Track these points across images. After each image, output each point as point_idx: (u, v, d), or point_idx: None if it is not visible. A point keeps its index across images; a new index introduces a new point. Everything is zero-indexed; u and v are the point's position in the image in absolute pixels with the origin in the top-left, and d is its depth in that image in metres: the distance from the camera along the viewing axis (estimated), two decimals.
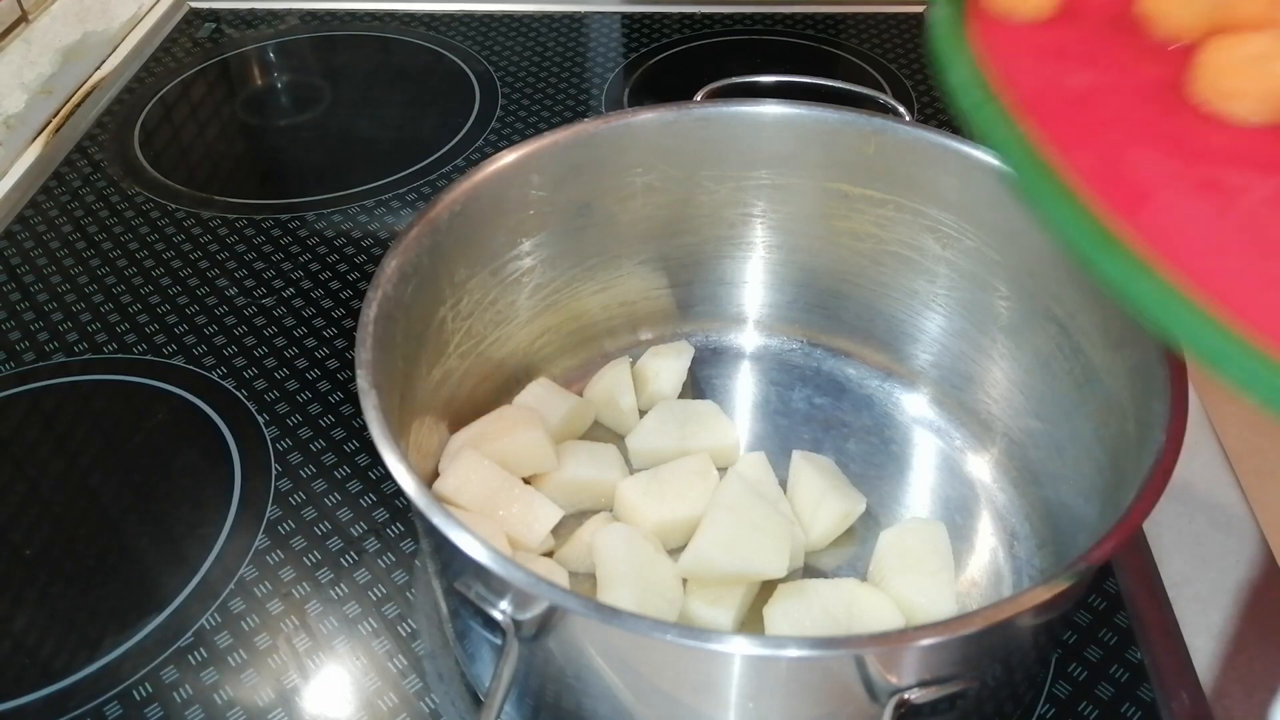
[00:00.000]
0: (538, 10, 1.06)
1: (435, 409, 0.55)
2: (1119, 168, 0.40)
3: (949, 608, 0.49)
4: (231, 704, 0.50)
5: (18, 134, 0.88)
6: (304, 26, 1.05)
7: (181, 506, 0.59)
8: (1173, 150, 0.41)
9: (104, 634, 0.53)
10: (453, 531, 0.38)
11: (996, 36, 0.46)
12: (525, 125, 0.90)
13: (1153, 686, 0.50)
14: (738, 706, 0.39)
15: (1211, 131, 0.41)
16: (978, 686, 0.40)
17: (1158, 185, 0.39)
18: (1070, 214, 0.38)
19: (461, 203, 0.53)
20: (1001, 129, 0.41)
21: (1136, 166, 0.40)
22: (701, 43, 1.01)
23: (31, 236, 0.79)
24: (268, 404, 0.65)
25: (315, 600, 0.54)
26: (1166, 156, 0.40)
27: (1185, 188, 0.39)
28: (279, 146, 0.90)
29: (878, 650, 0.37)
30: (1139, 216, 0.38)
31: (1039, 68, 0.45)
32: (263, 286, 0.74)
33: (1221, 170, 0.40)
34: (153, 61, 1.00)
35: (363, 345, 0.45)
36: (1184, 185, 0.39)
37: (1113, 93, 0.43)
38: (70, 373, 0.68)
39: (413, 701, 0.50)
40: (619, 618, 0.36)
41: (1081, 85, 0.44)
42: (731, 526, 0.49)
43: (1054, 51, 0.46)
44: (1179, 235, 0.37)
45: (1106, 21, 0.47)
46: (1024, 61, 0.45)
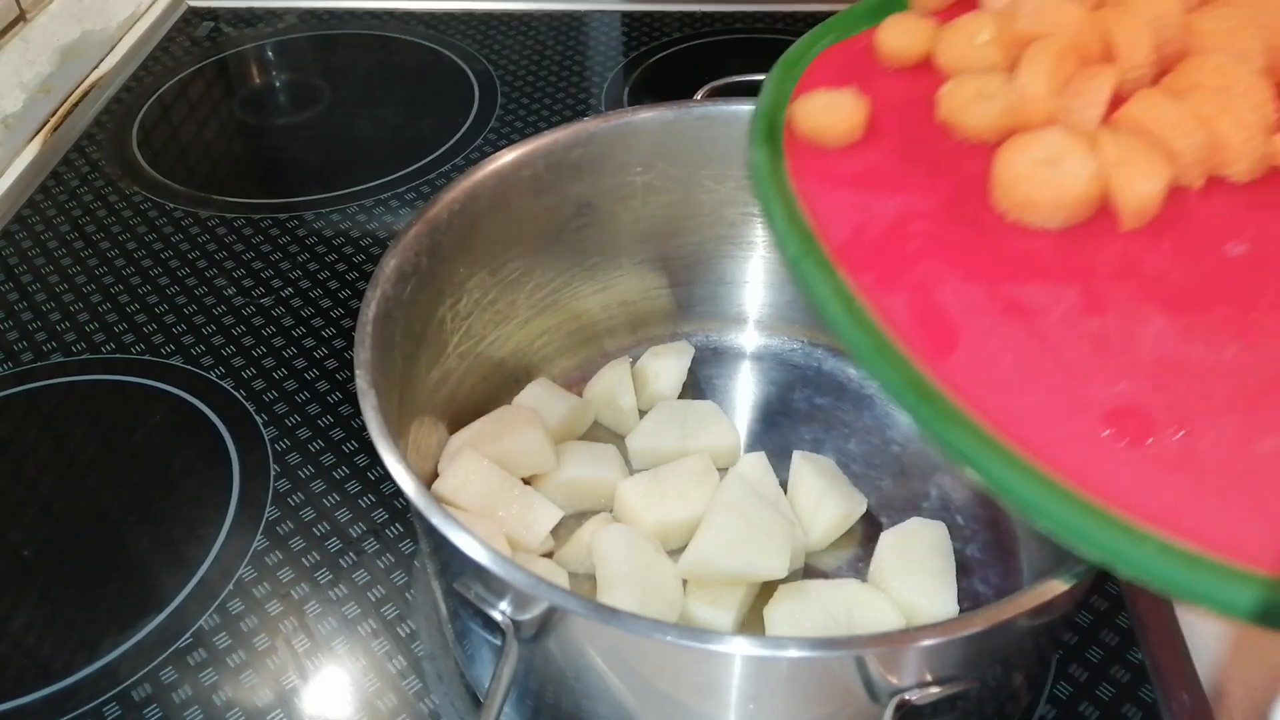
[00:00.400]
0: (537, 9, 1.06)
1: (434, 409, 0.55)
2: (929, 307, 0.41)
3: (950, 608, 0.49)
4: (230, 705, 0.50)
5: (15, 133, 0.88)
6: (303, 25, 1.05)
7: (180, 507, 0.59)
8: (979, 274, 0.41)
9: (103, 635, 0.53)
10: (452, 532, 0.38)
11: (812, 170, 0.47)
12: (525, 124, 0.90)
13: (1154, 687, 0.50)
14: (738, 707, 0.39)
15: (1016, 243, 0.42)
16: (978, 687, 0.40)
17: (965, 320, 0.40)
18: (889, 371, 0.38)
19: (461, 202, 0.53)
20: (821, 284, 0.42)
21: (945, 302, 0.41)
22: (702, 41, 1.01)
23: (29, 236, 0.79)
24: (266, 404, 0.65)
25: (314, 601, 0.54)
26: (973, 283, 0.41)
27: (991, 318, 0.40)
28: (277, 146, 0.90)
29: (878, 651, 0.36)
30: (947, 363, 0.39)
31: (853, 201, 0.45)
32: (261, 286, 0.74)
33: (1024, 288, 0.41)
34: (151, 60, 1.00)
35: (362, 345, 0.45)
36: (989, 315, 0.40)
37: (923, 217, 0.44)
38: (68, 373, 0.68)
39: (412, 703, 0.50)
40: (619, 618, 0.36)
41: (894, 212, 0.44)
42: (732, 527, 0.49)
43: (867, 179, 0.46)
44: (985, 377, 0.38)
45: (913, 134, 0.47)
46: (839, 196, 0.46)
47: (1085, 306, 0.40)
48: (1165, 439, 0.36)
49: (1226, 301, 0.40)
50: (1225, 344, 0.38)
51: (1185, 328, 0.39)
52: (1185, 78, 0.45)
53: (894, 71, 0.51)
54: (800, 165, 0.47)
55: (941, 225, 0.44)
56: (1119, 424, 0.36)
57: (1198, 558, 0.33)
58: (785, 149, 0.48)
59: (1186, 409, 0.36)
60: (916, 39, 0.50)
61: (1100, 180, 0.42)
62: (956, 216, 0.44)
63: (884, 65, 0.51)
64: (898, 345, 0.39)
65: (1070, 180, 0.42)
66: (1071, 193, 0.42)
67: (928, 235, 0.43)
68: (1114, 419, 0.36)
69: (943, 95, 0.47)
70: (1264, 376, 0.37)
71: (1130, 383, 0.37)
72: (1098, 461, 0.35)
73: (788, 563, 0.49)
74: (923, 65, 0.50)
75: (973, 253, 0.42)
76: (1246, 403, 0.36)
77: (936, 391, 0.38)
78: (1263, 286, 0.40)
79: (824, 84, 0.50)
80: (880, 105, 0.49)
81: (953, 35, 0.49)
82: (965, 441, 0.36)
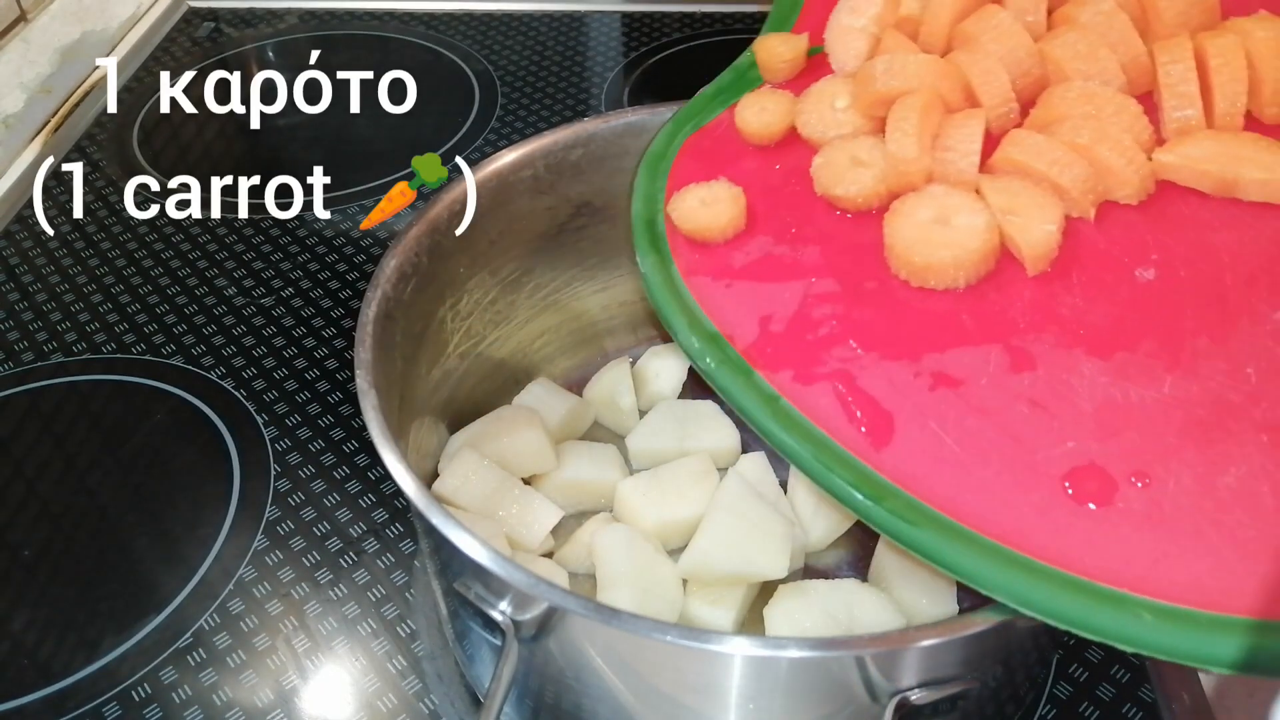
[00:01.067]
0: (537, 9, 1.06)
1: (434, 409, 0.55)
2: (856, 396, 0.39)
3: (950, 608, 0.49)
4: (230, 705, 0.50)
5: (16, 133, 0.88)
6: (303, 25, 1.05)
7: (180, 507, 0.59)
8: (896, 351, 0.40)
9: (103, 634, 0.53)
10: (452, 532, 0.38)
11: (703, 269, 0.46)
12: (525, 124, 0.90)
13: (1154, 687, 0.50)
14: (738, 707, 0.39)
15: (925, 309, 0.41)
16: (979, 687, 0.40)
17: (896, 403, 0.38)
18: (830, 473, 0.37)
19: (461, 202, 0.53)
20: (741, 391, 0.41)
21: (870, 387, 0.39)
22: (701, 41, 1.01)
23: (30, 236, 0.79)
24: (266, 404, 0.65)
25: (314, 601, 0.54)
26: (893, 361, 0.40)
27: (920, 396, 0.38)
28: (277, 146, 0.90)
29: (878, 651, 0.36)
30: (888, 453, 0.37)
31: (752, 294, 0.44)
32: (262, 286, 0.74)
33: (945, 357, 0.39)
34: (152, 61, 1.00)
35: (362, 345, 0.45)
36: (918, 393, 0.39)
37: (825, 300, 0.43)
38: (69, 373, 0.68)
39: (412, 703, 0.50)
40: (619, 618, 0.36)
41: (795, 300, 0.43)
42: (732, 527, 0.49)
43: (761, 269, 0.45)
44: (931, 461, 0.37)
45: (795, 214, 0.46)
46: (737, 293, 0.44)
47: (1012, 365, 0.39)
48: (1129, 494, 0.35)
49: (1151, 332, 0.39)
50: (1161, 377, 0.37)
51: (1117, 368, 0.38)
52: (1051, 109, 0.44)
53: (761, 150, 0.50)
54: (690, 264, 0.46)
55: (846, 305, 0.42)
56: (1078, 485, 0.35)
57: (1195, 617, 0.32)
58: (672, 251, 0.47)
59: (1142, 456, 0.35)
60: (776, 115, 0.50)
61: (994, 231, 0.41)
62: (859, 293, 0.43)
63: (749, 145, 0.50)
64: (833, 442, 0.38)
65: (964, 237, 0.41)
66: (968, 249, 0.41)
67: (835, 318, 0.42)
68: (1072, 481, 0.35)
69: (816, 170, 0.46)
70: (1208, 404, 0.36)
71: (1078, 439, 0.36)
72: (1066, 531, 0.34)
73: (788, 562, 0.49)
74: (789, 139, 0.49)
75: (884, 328, 0.41)
76: (1199, 436, 0.35)
77: (887, 486, 0.36)
78: (1181, 309, 0.39)
79: (694, 177, 0.49)
80: (756, 188, 0.48)
81: (812, 105, 0.48)
82: (928, 537, 0.35)
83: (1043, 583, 0.33)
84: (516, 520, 0.52)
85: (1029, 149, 0.42)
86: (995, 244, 0.41)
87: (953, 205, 0.42)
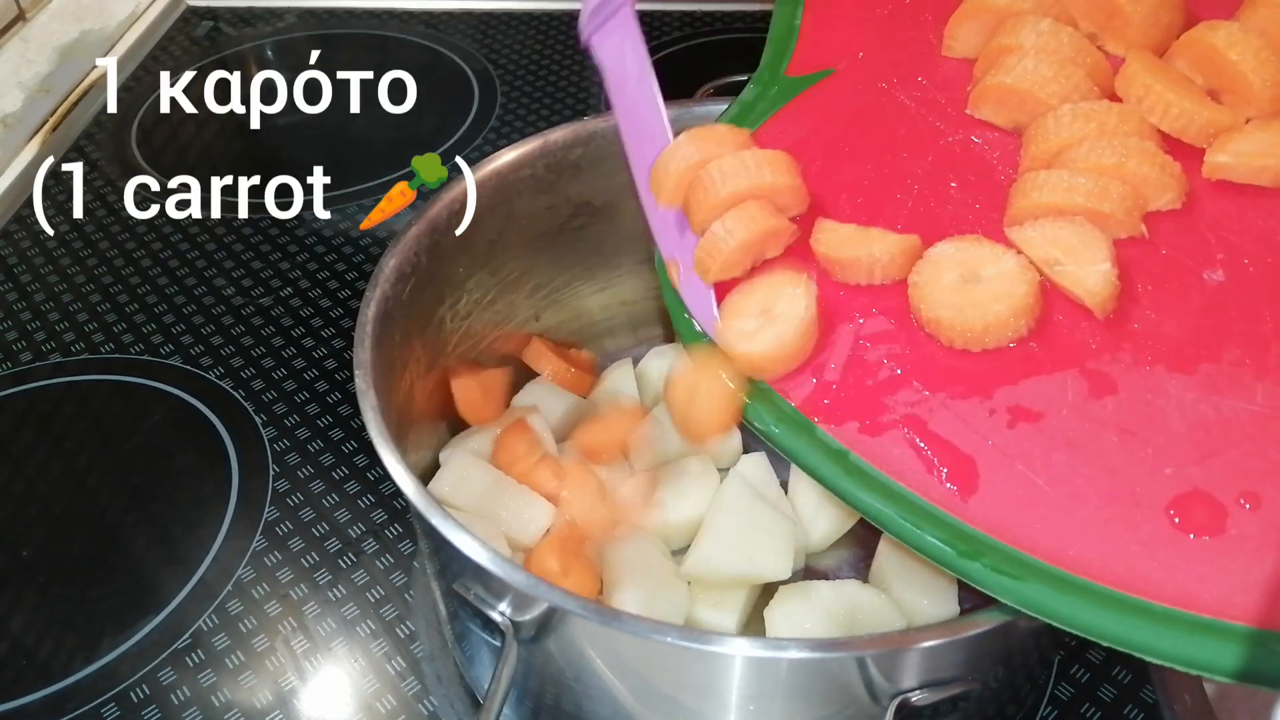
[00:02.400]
0: (537, 8, 1.06)
1: (434, 409, 0.54)
2: (931, 444, 0.36)
3: (951, 609, 0.49)
4: (229, 706, 0.50)
5: (15, 133, 0.87)
6: (302, 24, 1.05)
7: (179, 507, 0.59)
8: (967, 389, 0.37)
9: (101, 635, 0.53)
10: (452, 533, 0.38)
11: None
12: (524, 123, 0.90)
13: (1155, 689, 0.50)
14: (739, 708, 0.39)
15: (982, 365, 0.38)
16: (980, 689, 0.40)
17: (976, 446, 0.35)
18: (921, 531, 0.34)
19: (461, 202, 0.53)
20: (807, 451, 0.37)
21: (945, 432, 0.36)
22: (701, 41, 1.01)
23: (28, 236, 0.79)
24: (265, 404, 0.65)
25: (313, 602, 0.54)
26: (964, 401, 0.37)
27: (1000, 435, 0.36)
28: (277, 146, 0.90)
29: (879, 652, 0.36)
30: (976, 502, 0.34)
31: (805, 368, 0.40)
32: (260, 286, 0.74)
33: (1019, 390, 0.36)
34: (150, 60, 1.00)
35: (361, 345, 0.45)
36: (998, 432, 0.36)
37: (881, 342, 0.40)
38: (67, 373, 0.67)
39: (411, 704, 0.49)
40: (618, 619, 0.36)
41: (847, 345, 0.40)
42: (734, 529, 0.49)
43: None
44: (1024, 507, 0.34)
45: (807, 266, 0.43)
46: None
47: (1091, 390, 0.36)
48: (1240, 518, 0.32)
49: (1232, 339, 0.36)
50: (1251, 386, 0.34)
51: (1204, 381, 0.35)
52: (1048, 140, 0.42)
53: None
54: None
55: (902, 344, 0.39)
56: (1184, 515, 0.32)
57: None
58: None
59: (1247, 475, 0.32)
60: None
61: (1029, 270, 0.38)
62: (912, 330, 0.39)
63: None
64: (915, 496, 0.34)
65: (1004, 286, 0.38)
66: (1014, 298, 0.38)
67: (892, 359, 0.39)
68: (1178, 510, 0.33)
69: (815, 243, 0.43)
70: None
71: (1176, 464, 0.33)
72: (1180, 567, 0.31)
73: (790, 563, 0.48)
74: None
75: (947, 365, 0.38)
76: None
77: (982, 540, 0.33)
78: (1258, 309, 0.36)
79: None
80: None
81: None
82: (1036, 591, 0.32)
83: (1169, 628, 0.31)
84: (512, 518, 0.52)
85: (1057, 188, 0.40)
86: (1036, 282, 0.38)
87: (974, 258, 0.39)
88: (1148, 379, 0.36)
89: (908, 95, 0.48)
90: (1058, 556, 0.33)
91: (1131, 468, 0.34)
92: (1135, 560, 0.32)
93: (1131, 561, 0.32)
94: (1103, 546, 0.33)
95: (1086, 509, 0.33)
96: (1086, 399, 0.36)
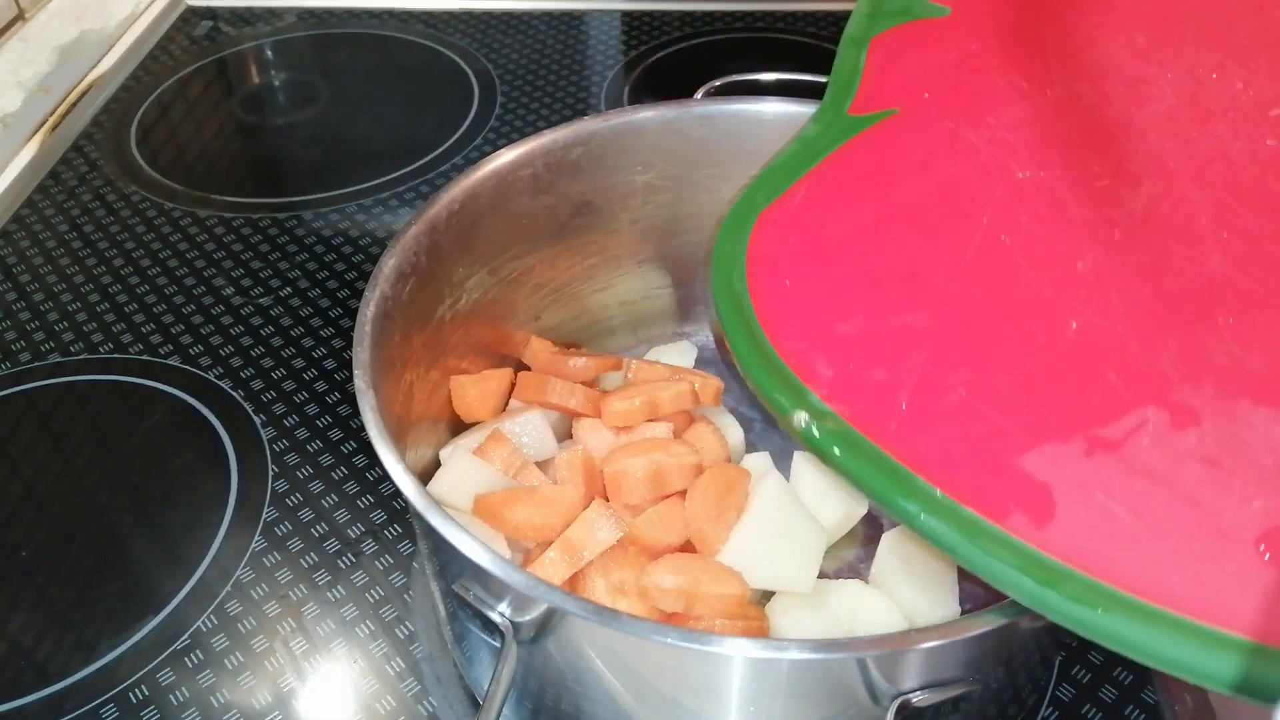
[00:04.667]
0: (537, 9, 1.06)
1: (434, 409, 0.54)
2: (1004, 473, 0.35)
3: (952, 610, 0.49)
4: (228, 707, 0.49)
5: (14, 132, 0.87)
6: (301, 24, 1.05)
7: (178, 508, 0.59)
8: (1042, 418, 0.36)
9: (100, 636, 0.52)
10: (452, 533, 0.38)
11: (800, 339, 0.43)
12: (524, 123, 0.90)
13: (1156, 690, 0.50)
14: (739, 709, 0.39)
15: (1061, 363, 0.38)
16: (980, 690, 0.40)
17: (1050, 476, 0.35)
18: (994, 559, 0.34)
19: (460, 201, 0.53)
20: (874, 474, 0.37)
21: (1019, 462, 0.35)
22: (701, 40, 1.01)
23: (28, 236, 0.79)
24: (264, 405, 0.64)
25: (312, 602, 0.54)
26: (1039, 429, 0.36)
27: (1076, 467, 0.35)
28: (276, 145, 0.90)
29: (880, 653, 0.36)
30: (1052, 531, 0.33)
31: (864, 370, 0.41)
32: (260, 286, 0.74)
33: (1097, 421, 0.35)
34: (150, 59, 1.00)
35: (360, 345, 0.45)
36: (1073, 463, 0.35)
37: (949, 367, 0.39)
38: (66, 373, 0.67)
39: (411, 705, 0.49)
40: (618, 620, 0.36)
41: (915, 371, 0.40)
42: (764, 538, 0.48)
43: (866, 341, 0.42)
44: (1104, 537, 0.33)
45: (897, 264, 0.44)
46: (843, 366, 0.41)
47: (1173, 422, 0.34)
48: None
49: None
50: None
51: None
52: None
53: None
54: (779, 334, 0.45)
55: (972, 369, 0.39)
56: (1276, 549, 0.31)
57: None
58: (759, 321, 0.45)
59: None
60: None
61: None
62: (982, 353, 0.39)
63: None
64: (988, 523, 0.34)
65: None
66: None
67: (962, 385, 0.38)
68: (1268, 544, 0.31)
69: None
70: None
71: (1265, 496, 0.32)
72: (1276, 604, 0.30)
73: (816, 575, 0.48)
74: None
75: (1020, 392, 0.37)
76: None
77: (1059, 568, 0.32)
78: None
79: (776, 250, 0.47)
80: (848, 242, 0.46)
81: None
82: (1120, 623, 0.31)
83: (1269, 662, 0.30)
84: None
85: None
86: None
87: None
88: (1232, 411, 0.35)
89: (976, 135, 0.48)
90: (1140, 587, 0.32)
91: (1217, 500, 0.33)
92: (1226, 595, 0.31)
93: (1222, 595, 0.31)
94: (1189, 579, 0.32)
95: (1169, 540, 0.33)
96: (1168, 430, 0.35)
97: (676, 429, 0.54)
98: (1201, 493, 0.33)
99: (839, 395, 0.41)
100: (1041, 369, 0.38)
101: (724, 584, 0.46)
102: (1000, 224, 0.44)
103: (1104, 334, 0.38)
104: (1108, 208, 0.41)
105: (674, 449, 0.51)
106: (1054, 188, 0.44)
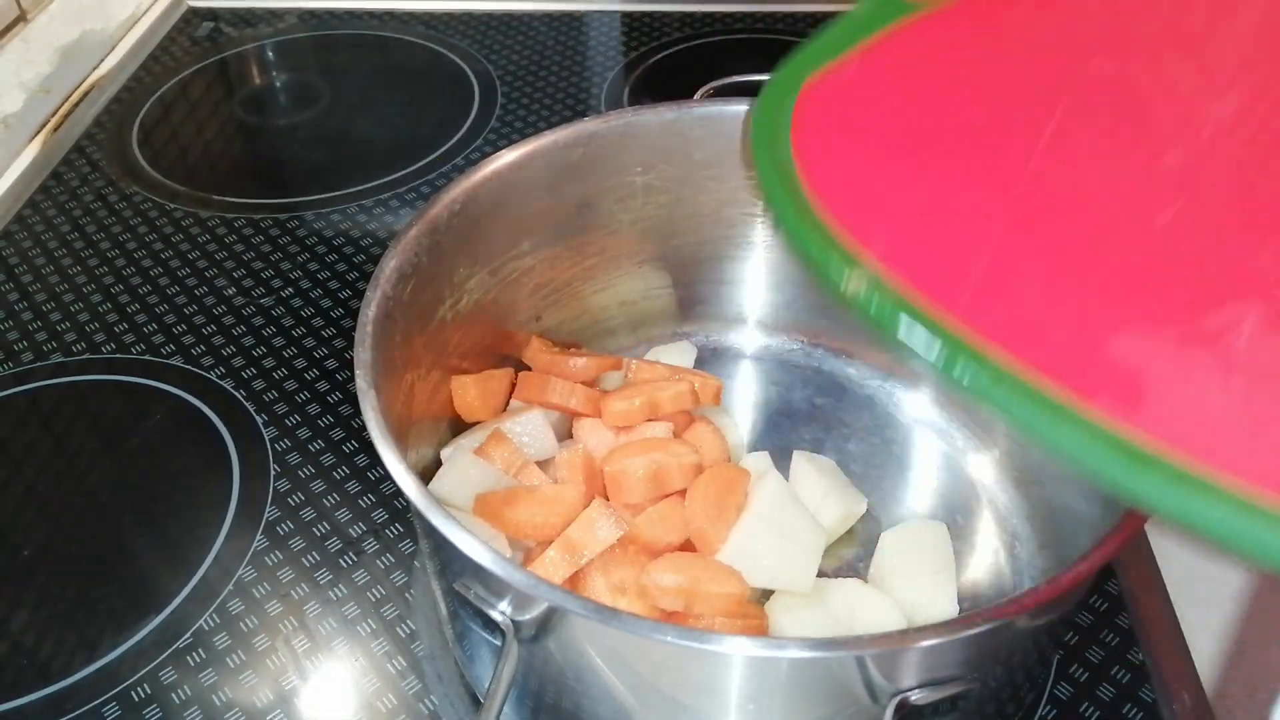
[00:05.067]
0: (537, 9, 1.06)
1: (435, 409, 0.54)
2: (1090, 355, 0.33)
3: (950, 608, 0.49)
4: (230, 705, 0.50)
5: (16, 133, 0.88)
6: (303, 25, 1.05)
7: (180, 507, 0.59)
8: (1130, 300, 0.35)
9: (102, 635, 0.53)
10: (453, 532, 0.38)
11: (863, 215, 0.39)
12: (524, 124, 0.90)
13: (1154, 688, 0.50)
14: (738, 708, 0.39)
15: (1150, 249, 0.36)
16: (979, 688, 0.40)
17: (1141, 362, 0.33)
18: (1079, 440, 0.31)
19: (461, 202, 0.53)
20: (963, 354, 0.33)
21: (1106, 344, 0.34)
22: (701, 41, 1.01)
23: (29, 236, 0.79)
24: (266, 404, 0.65)
25: (314, 601, 0.54)
26: (1126, 312, 0.34)
27: (1169, 353, 0.33)
28: (277, 146, 0.90)
29: (878, 651, 0.36)
30: (1143, 416, 0.31)
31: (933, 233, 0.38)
32: (261, 286, 0.74)
33: (1192, 311, 0.34)
34: (151, 60, 1.00)
35: (362, 345, 0.45)
36: (1167, 351, 0.33)
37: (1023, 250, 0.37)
38: (68, 373, 0.68)
39: (412, 703, 0.50)
40: (618, 619, 0.36)
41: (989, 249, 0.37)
42: (763, 537, 0.48)
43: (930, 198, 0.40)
44: (1198, 426, 0.31)
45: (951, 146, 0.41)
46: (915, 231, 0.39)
47: (1275, 321, 0.33)
48: None
49: None
50: None
51: None
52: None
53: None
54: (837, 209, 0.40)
55: (1050, 247, 0.37)
56: None
57: None
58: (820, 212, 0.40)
59: None
60: None
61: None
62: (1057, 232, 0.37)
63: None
64: (1073, 409, 0.31)
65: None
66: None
67: (1044, 262, 0.36)
68: None
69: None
70: None
71: None
72: None
73: (815, 575, 0.48)
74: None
75: (1099, 272, 0.35)
76: None
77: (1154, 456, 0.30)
78: None
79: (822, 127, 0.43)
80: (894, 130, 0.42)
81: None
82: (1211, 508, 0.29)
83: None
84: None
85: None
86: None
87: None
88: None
89: (1048, 23, 0.45)
90: (1239, 472, 0.30)
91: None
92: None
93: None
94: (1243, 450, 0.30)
95: (1272, 430, 0.31)
96: (1270, 328, 0.33)
97: (676, 429, 0.54)
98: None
99: (901, 263, 0.37)
100: (1128, 257, 0.36)
101: (723, 583, 0.46)
102: (1076, 111, 0.42)
103: (1194, 228, 0.36)
104: (1193, 109, 0.40)
105: (674, 448, 0.51)
106: (1135, 83, 0.42)
